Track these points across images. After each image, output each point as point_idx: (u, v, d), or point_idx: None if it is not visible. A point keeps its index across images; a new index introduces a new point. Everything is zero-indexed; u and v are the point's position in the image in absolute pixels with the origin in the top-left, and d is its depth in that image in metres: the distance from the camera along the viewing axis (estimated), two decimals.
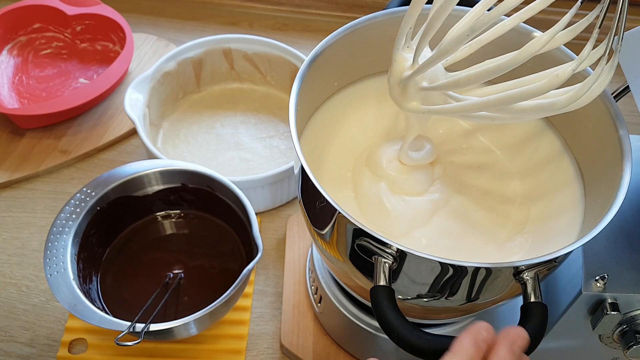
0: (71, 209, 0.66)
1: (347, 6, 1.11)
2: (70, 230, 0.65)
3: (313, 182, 0.46)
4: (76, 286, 0.61)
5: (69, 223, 0.65)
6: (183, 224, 0.75)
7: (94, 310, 0.59)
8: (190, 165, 0.70)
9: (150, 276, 0.70)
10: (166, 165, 0.70)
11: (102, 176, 0.69)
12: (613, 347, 0.58)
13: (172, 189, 0.72)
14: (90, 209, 0.67)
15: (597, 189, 0.54)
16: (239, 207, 0.69)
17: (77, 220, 0.66)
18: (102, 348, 0.69)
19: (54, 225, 0.65)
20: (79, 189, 0.68)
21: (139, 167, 0.70)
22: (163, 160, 0.72)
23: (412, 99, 0.52)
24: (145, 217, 0.74)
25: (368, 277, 0.50)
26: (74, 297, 0.60)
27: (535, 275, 0.46)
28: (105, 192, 0.68)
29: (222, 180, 0.69)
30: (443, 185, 0.57)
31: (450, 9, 0.46)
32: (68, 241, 0.64)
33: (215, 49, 0.90)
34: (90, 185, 0.68)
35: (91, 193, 0.68)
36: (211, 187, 0.70)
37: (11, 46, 0.97)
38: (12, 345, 0.70)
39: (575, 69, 0.44)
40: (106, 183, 0.69)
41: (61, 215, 0.66)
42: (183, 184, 0.71)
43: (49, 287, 0.61)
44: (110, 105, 0.94)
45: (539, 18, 0.50)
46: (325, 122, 0.60)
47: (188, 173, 0.70)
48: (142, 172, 0.70)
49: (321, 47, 0.56)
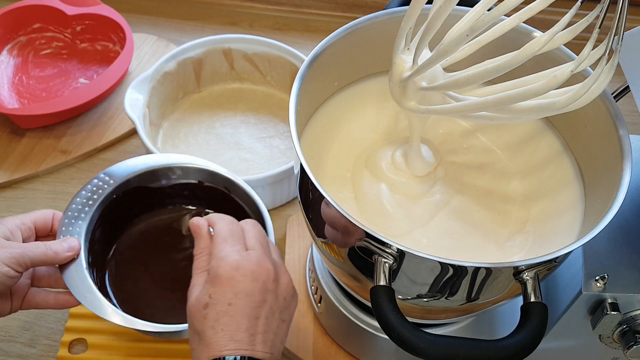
0: (88, 195, 0.65)
1: (347, 6, 1.11)
2: (87, 217, 0.63)
3: (313, 182, 0.46)
4: (88, 275, 0.59)
5: (85, 209, 0.63)
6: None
7: (105, 302, 0.58)
8: (211, 166, 0.69)
9: (161, 272, 0.69)
10: (187, 163, 0.69)
11: (122, 164, 0.67)
12: (613, 347, 0.58)
13: (188, 184, 0.70)
14: (107, 197, 0.65)
15: (597, 189, 0.54)
16: (255, 213, 0.67)
17: (93, 207, 0.64)
18: (102, 348, 0.69)
19: (68, 210, 0.63)
20: (96, 175, 0.66)
21: (159, 159, 0.69)
22: (184, 156, 0.70)
23: (411, 99, 0.52)
24: (159, 211, 0.73)
25: (368, 277, 0.50)
26: (86, 287, 0.58)
27: (535, 275, 0.46)
28: (125, 180, 0.66)
29: (241, 184, 0.68)
30: (444, 186, 0.57)
31: (450, 9, 0.46)
32: (83, 227, 0.62)
33: (215, 49, 0.90)
34: (108, 172, 0.67)
35: (109, 180, 0.66)
36: (228, 188, 0.69)
37: (11, 46, 0.97)
38: (12, 345, 0.70)
39: (574, 69, 0.44)
40: (126, 171, 0.67)
41: (77, 200, 0.64)
42: (200, 182, 0.70)
43: (63, 278, 0.59)
44: (110, 105, 0.94)
45: (539, 18, 0.50)
46: (325, 122, 0.60)
47: (206, 172, 0.69)
48: (164, 165, 0.68)
49: (321, 47, 0.56)
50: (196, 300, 0.51)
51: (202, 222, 0.56)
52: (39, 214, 0.61)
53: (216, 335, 0.48)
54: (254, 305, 0.50)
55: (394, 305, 0.44)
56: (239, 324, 0.49)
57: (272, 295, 0.51)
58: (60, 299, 0.60)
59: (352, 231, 0.47)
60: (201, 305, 0.50)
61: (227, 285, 0.50)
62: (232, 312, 0.49)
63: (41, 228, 0.61)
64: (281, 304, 0.52)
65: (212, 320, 0.49)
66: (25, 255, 0.54)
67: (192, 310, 0.51)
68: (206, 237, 0.55)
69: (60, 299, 0.60)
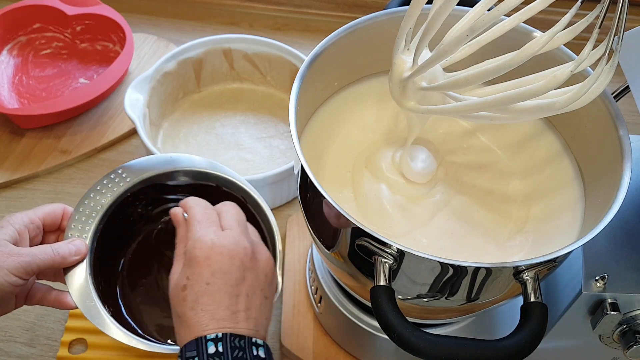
0: (101, 191, 0.63)
1: (347, 6, 1.11)
2: (97, 215, 0.62)
3: (313, 182, 0.46)
4: (91, 281, 0.59)
5: (97, 207, 0.62)
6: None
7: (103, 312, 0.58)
8: (228, 172, 0.67)
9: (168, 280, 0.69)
10: (203, 167, 0.67)
11: (140, 161, 0.65)
12: (613, 347, 0.58)
13: (204, 185, 0.68)
14: (121, 194, 0.64)
15: (597, 189, 0.54)
16: (268, 229, 0.66)
17: (104, 206, 0.62)
18: (102, 348, 0.69)
19: (80, 206, 0.61)
20: (112, 170, 0.65)
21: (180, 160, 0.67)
22: (204, 160, 0.68)
23: (411, 99, 0.52)
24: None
25: (368, 277, 0.50)
26: (86, 293, 0.58)
27: (535, 275, 0.46)
28: (141, 179, 0.64)
29: (255, 196, 0.66)
30: (444, 186, 0.57)
31: (450, 9, 0.46)
32: (92, 225, 0.61)
33: (215, 49, 0.90)
34: (127, 168, 0.65)
35: (126, 178, 0.64)
36: (244, 197, 0.67)
37: (11, 46, 0.97)
38: (12, 345, 0.70)
39: (574, 70, 0.44)
40: (143, 170, 0.65)
41: (90, 196, 0.62)
42: (217, 185, 0.68)
43: (65, 280, 0.58)
44: (110, 105, 0.94)
45: (539, 18, 0.50)
46: (325, 122, 0.60)
47: (223, 179, 0.67)
48: (180, 168, 0.66)
49: (321, 47, 0.56)
50: (174, 284, 0.51)
51: (178, 209, 0.57)
52: (48, 209, 0.60)
53: (196, 315, 0.48)
54: (233, 283, 0.50)
55: (394, 305, 0.44)
56: (219, 302, 0.49)
57: (251, 273, 0.51)
58: (61, 299, 0.59)
59: (352, 231, 0.47)
60: (179, 287, 0.50)
61: (203, 266, 0.50)
62: (211, 291, 0.49)
63: (50, 224, 0.60)
64: (262, 280, 0.52)
65: (191, 301, 0.49)
66: (34, 263, 0.54)
67: (172, 294, 0.51)
68: (184, 223, 0.55)
69: (61, 299, 0.59)
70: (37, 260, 0.54)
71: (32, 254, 0.55)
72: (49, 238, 0.61)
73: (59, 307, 0.60)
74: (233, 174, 0.67)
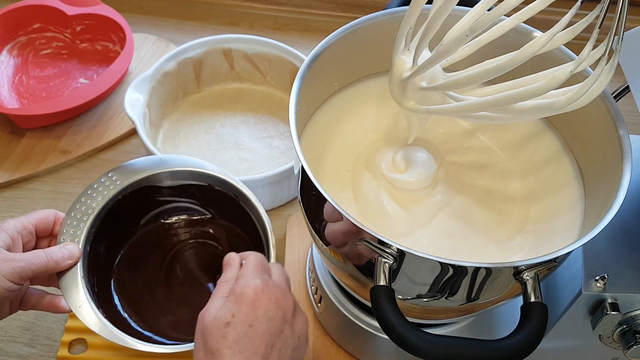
0: (92, 195, 0.63)
1: (347, 6, 1.11)
2: (89, 218, 0.62)
3: (313, 182, 0.46)
4: (85, 284, 0.59)
5: (88, 211, 0.63)
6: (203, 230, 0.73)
7: (98, 315, 0.58)
8: (221, 173, 0.67)
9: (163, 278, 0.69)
10: (197, 167, 0.67)
11: (130, 164, 0.66)
12: (613, 347, 0.58)
13: (196, 185, 0.69)
14: (112, 198, 0.64)
15: (597, 189, 0.54)
16: (261, 226, 0.67)
17: (96, 208, 0.63)
18: (102, 348, 0.69)
19: (71, 210, 0.62)
20: (104, 173, 0.65)
21: (170, 160, 0.67)
22: (194, 159, 0.68)
23: (411, 99, 0.52)
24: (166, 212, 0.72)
25: (368, 277, 0.50)
26: (80, 296, 0.59)
27: (535, 275, 0.46)
28: (131, 181, 0.65)
29: (249, 196, 0.67)
30: (444, 186, 0.57)
31: (450, 9, 0.46)
32: (85, 229, 0.62)
33: (215, 49, 0.90)
34: (117, 171, 0.65)
35: (116, 181, 0.65)
36: (236, 195, 0.68)
37: (11, 46, 0.97)
38: (12, 345, 0.70)
39: (574, 70, 0.44)
40: (133, 172, 0.65)
41: (81, 200, 0.63)
42: (209, 185, 0.69)
43: (59, 284, 0.59)
44: (110, 105, 0.94)
45: (539, 18, 0.50)
46: (325, 122, 0.60)
47: (215, 178, 0.68)
48: (170, 168, 0.67)
49: (321, 47, 0.56)
50: (215, 318, 0.49)
51: (236, 255, 0.58)
52: (40, 215, 0.60)
53: (233, 356, 0.47)
54: (273, 332, 0.49)
55: (394, 305, 0.44)
56: (257, 348, 0.48)
57: (289, 328, 0.51)
58: (55, 303, 0.59)
59: (352, 231, 0.47)
60: (222, 323, 0.49)
61: (251, 306, 0.50)
62: (252, 335, 0.48)
63: (42, 229, 0.60)
64: (295, 340, 0.52)
65: (231, 340, 0.48)
66: (28, 268, 0.55)
67: (210, 328, 0.49)
68: (236, 268, 0.56)
69: (55, 303, 0.59)
70: (31, 265, 0.55)
71: (26, 259, 0.55)
72: (42, 243, 0.61)
73: (53, 311, 0.60)
74: (225, 172, 0.68)
